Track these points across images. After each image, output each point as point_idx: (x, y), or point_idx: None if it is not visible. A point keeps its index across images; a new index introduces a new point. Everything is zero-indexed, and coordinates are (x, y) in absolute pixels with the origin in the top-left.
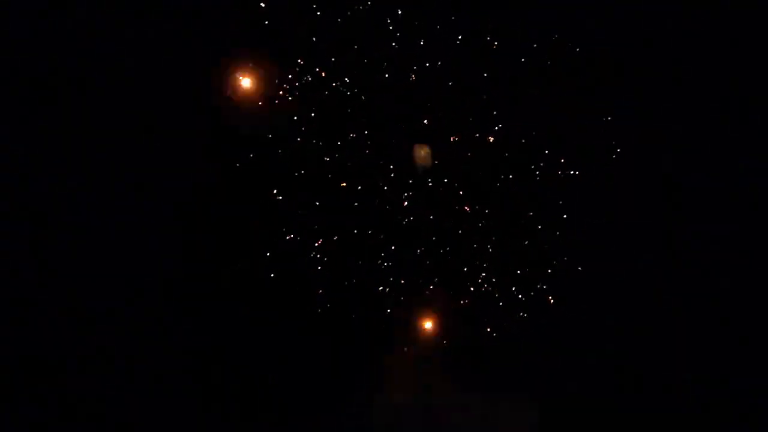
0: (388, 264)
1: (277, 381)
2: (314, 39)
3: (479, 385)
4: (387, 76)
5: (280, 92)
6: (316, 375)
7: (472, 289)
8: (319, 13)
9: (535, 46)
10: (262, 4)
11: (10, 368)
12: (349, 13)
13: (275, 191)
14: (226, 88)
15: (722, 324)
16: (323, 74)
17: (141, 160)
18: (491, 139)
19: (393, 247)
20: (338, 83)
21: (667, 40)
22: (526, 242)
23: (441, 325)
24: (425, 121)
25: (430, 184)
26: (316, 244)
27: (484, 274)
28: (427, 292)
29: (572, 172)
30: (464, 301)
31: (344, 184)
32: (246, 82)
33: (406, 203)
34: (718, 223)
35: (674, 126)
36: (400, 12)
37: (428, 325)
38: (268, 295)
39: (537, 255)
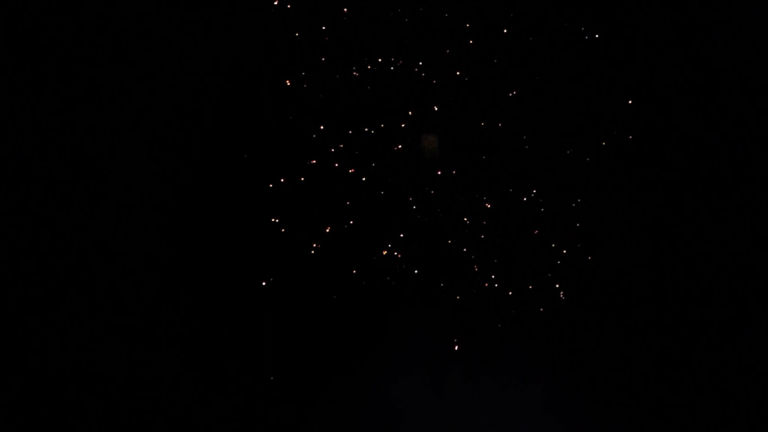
0: (392, 257)
1: (276, 381)
2: (317, 32)
3: (481, 382)
4: (392, 70)
5: (288, 82)
6: (315, 375)
7: (476, 284)
8: (321, 6)
9: (536, 39)
10: None
11: (10, 368)
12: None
13: (281, 180)
14: None
15: (722, 324)
16: (325, 65)
17: (141, 160)
18: (500, 125)
19: (395, 242)
20: (341, 75)
21: (668, 40)
22: (530, 238)
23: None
24: (435, 108)
25: (438, 173)
26: (317, 239)
27: (488, 270)
28: (431, 287)
29: (572, 171)
30: (468, 297)
31: (352, 171)
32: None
33: (410, 199)
34: (718, 223)
35: (674, 126)
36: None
37: None
38: (268, 295)
39: (540, 253)
